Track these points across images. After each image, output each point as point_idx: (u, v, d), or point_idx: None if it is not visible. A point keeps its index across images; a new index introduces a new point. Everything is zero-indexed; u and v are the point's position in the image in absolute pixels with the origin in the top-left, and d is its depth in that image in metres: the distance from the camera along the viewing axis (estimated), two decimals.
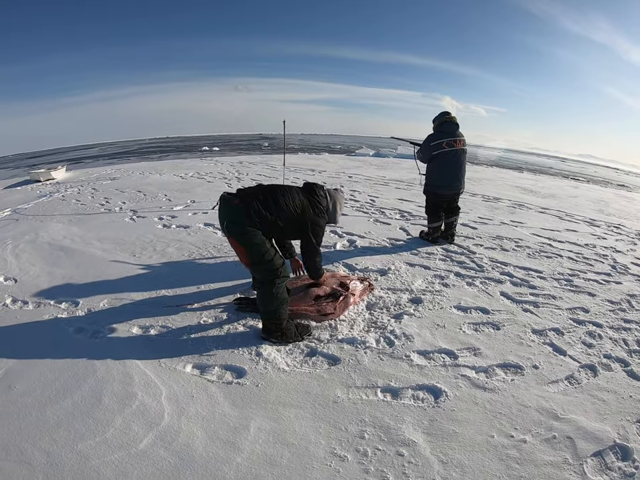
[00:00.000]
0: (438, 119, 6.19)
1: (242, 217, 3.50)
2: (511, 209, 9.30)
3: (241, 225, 3.50)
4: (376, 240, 6.47)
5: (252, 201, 3.55)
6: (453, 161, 6.04)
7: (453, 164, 6.05)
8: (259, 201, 3.57)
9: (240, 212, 3.51)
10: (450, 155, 6.01)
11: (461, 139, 6.07)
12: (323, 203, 3.95)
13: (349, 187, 11.34)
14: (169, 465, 2.42)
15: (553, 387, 3.10)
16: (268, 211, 3.56)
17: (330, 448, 2.54)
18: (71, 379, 3.21)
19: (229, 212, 3.57)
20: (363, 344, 3.59)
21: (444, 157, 6.01)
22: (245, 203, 3.53)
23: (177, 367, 3.33)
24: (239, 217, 3.51)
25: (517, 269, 5.34)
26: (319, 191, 3.99)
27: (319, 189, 4.00)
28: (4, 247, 6.69)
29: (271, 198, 3.64)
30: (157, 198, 10.33)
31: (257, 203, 3.55)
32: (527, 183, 15.22)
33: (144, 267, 5.48)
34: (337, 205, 4.11)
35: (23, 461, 2.49)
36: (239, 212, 3.51)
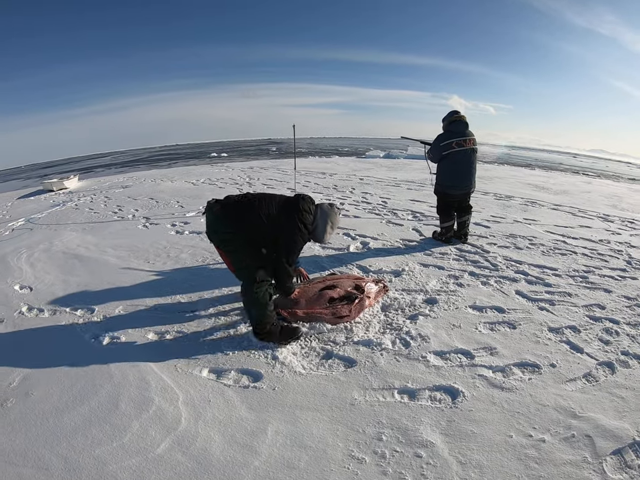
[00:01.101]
0: (447, 119, 6.16)
1: (220, 224, 3.54)
2: (524, 206, 9.24)
3: (220, 232, 3.56)
4: (389, 241, 6.47)
5: (231, 209, 3.56)
6: (463, 160, 6.00)
7: (464, 164, 6.02)
8: (236, 209, 3.56)
9: (219, 220, 3.55)
10: (460, 155, 5.98)
11: (471, 138, 6.03)
12: (306, 220, 3.65)
13: (360, 189, 11.34)
14: (187, 469, 2.43)
15: (571, 385, 3.07)
16: (242, 220, 3.52)
17: (348, 450, 2.53)
18: (87, 385, 3.23)
19: (210, 220, 3.61)
20: (378, 346, 3.58)
21: (454, 156, 5.98)
22: (224, 211, 3.55)
23: (193, 371, 3.34)
24: (218, 225, 3.56)
25: (531, 267, 5.30)
26: (304, 205, 3.68)
27: (305, 204, 3.71)
28: (19, 256, 6.76)
29: (247, 207, 3.57)
30: (169, 205, 10.39)
31: (234, 212, 3.54)
32: (539, 179, 15.10)
33: (158, 273, 5.51)
34: (328, 223, 3.78)
35: (41, 466, 2.51)
36: (218, 220, 3.55)
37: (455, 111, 6.18)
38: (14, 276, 5.85)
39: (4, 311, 4.68)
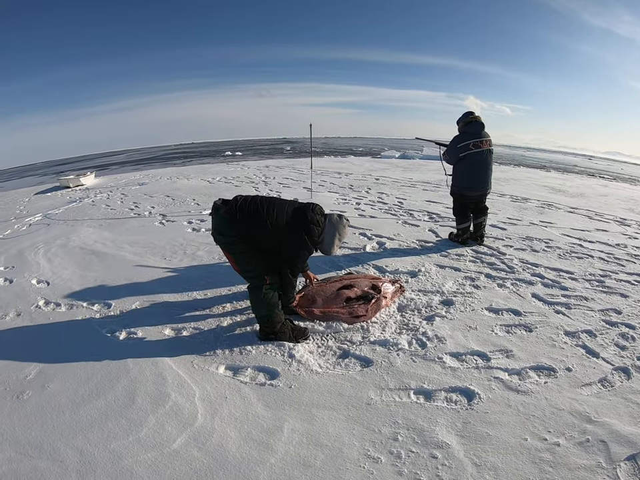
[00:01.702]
0: (462, 120, 6.15)
1: (226, 227, 3.52)
2: (540, 209, 9.17)
3: (226, 235, 3.54)
4: (405, 242, 6.46)
5: (237, 212, 3.49)
6: (480, 162, 5.99)
7: (480, 165, 6.00)
8: (242, 213, 3.49)
9: (225, 222, 3.52)
10: (477, 156, 5.97)
11: (487, 139, 6.02)
12: (313, 233, 3.58)
13: (376, 189, 11.34)
14: (202, 465, 2.44)
15: (586, 389, 3.04)
16: (248, 225, 3.47)
17: (363, 450, 2.53)
18: (104, 379, 3.27)
19: (217, 221, 3.60)
20: (395, 346, 3.58)
21: (471, 158, 5.98)
22: (230, 213, 3.50)
23: (209, 368, 3.36)
24: (224, 227, 3.54)
25: (547, 270, 5.27)
26: (313, 217, 3.61)
27: (314, 215, 3.63)
28: (36, 251, 6.84)
29: (254, 213, 3.50)
30: (185, 202, 10.47)
31: (240, 216, 3.48)
32: (555, 182, 14.98)
33: (175, 270, 5.56)
34: (336, 236, 3.73)
35: (56, 459, 2.54)
36: (224, 222, 3.53)
37: (470, 112, 6.15)
38: (31, 270, 5.92)
39: (21, 305, 4.74)
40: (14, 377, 3.38)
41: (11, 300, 4.93)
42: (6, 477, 2.43)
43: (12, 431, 2.80)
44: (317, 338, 3.77)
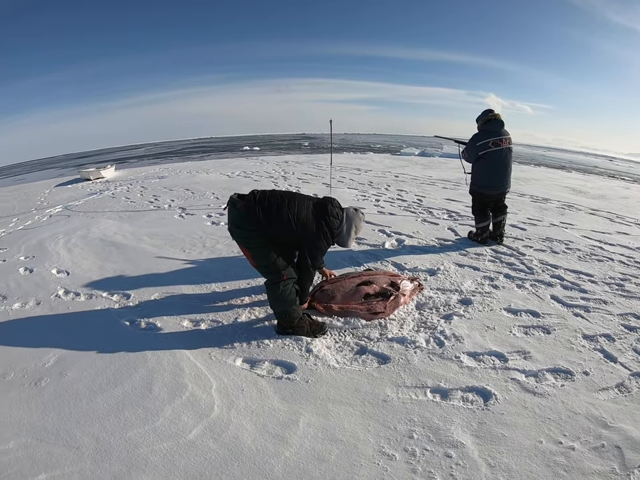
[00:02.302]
0: (482, 118, 6.09)
1: (244, 221, 3.50)
2: (560, 210, 9.06)
3: (244, 229, 3.52)
4: (424, 240, 6.43)
5: (256, 206, 3.48)
6: (499, 160, 5.94)
7: (500, 163, 5.95)
8: (262, 207, 3.48)
9: (243, 216, 3.50)
10: (497, 155, 5.92)
11: (507, 137, 5.95)
12: (332, 225, 3.64)
13: (395, 187, 11.28)
14: (218, 456, 2.46)
15: (603, 394, 3.00)
16: (268, 220, 3.45)
17: (378, 446, 2.53)
18: (121, 368, 3.31)
19: (234, 215, 3.58)
20: (412, 343, 3.57)
21: (490, 156, 5.93)
22: (248, 207, 3.49)
23: (227, 360, 3.38)
24: (242, 221, 3.51)
25: (567, 271, 5.20)
26: (332, 210, 3.68)
27: (333, 208, 3.70)
28: (56, 242, 6.95)
29: (275, 206, 3.50)
30: (204, 196, 10.53)
31: (259, 210, 3.46)
32: (576, 183, 14.78)
33: (194, 262, 5.60)
34: (352, 228, 3.77)
35: (72, 445, 2.58)
36: (242, 216, 3.51)
37: (489, 109, 6.08)
38: (51, 260, 6.01)
39: (41, 294, 4.82)
40: (32, 364, 3.44)
41: (30, 289, 5.01)
42: (22, 461, 2.47)
43: (29, 416, 2.85)
44: (335, 333, 3.78)
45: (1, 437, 2.69)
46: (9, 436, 2.69)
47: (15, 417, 2.86)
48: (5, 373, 3.37)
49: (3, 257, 6.46)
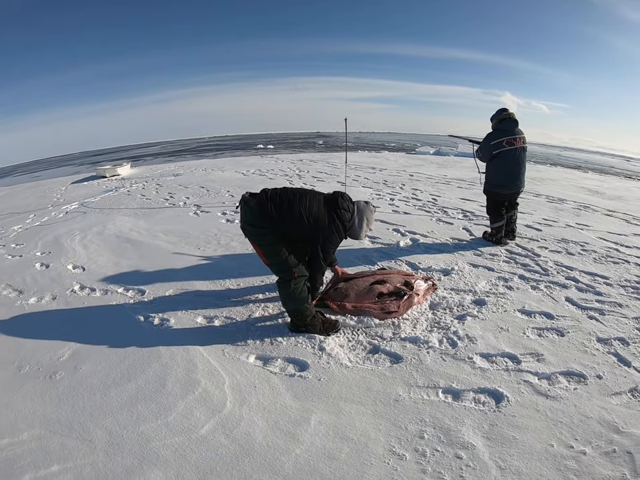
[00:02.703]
0: (496, 117, 6.08)
1: (257, 218, 3.52)
2: (576, 210, 8.94)
3: (256, 227, 3.55)
4: (439, 239, 6.40)
5: (268, 203, 3.51)
6: (513, 159, 5.93)
7: (514, 163, 5.94)
8: (274, 204, 3.52)
9: (255, 214, 3.52)
10: (511, 154, 5.91)
11: (521, 136, 5.94)
12: (344, 218, 3.69)
13: (410, 186, 11.22)
14: (229, 451, 2.49)
15: (616, 398, 2.96)
16: (281, 216, 3.49)
17: (389, 446, 2.53)
18: (135, 363, 3.35)
19: (246, 213, 3.60)
20: (425, 343, 3.56)
21: (505, 155, 5.92)
22: (260, 205, 3.51)
23: (240, 357, 3.41)
24: (255, 219, 3.54)
25: (582, 273, 5.14)
26: (343, 203, 3.72)
27: (344, 202, 3.74)
28: (72, 238, 7.04)
29: (287, 202, 3.54)
30: (219, 194, 10.59)
31: (271, 206, 3.50)
32: (593, 183, 14.54)
33: (208, 259, 5.65)
34: (364, 221, 3.82)
35: (85, 438, 2.62)
36: (254, 214, 3.53)
37: (503, 108, 6.09)
38: (67, 256, 6.10)
39: (57, 289, 4.90)
40: (47, 358, 3.50)
41: (46, 284, 5.09)
42: (35, 453, 2.52)
43: (43, 409, 2.90)
44: (348, 332, 3.78)
45: (15, 428, 2.74)
46: (22, 427, 2.74)
47: (29, 409, 2.91)
48: (20, 365, 3.44)
49: (20, 253, 6.57)
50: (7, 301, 4.75)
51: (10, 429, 2.74)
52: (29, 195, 14.40)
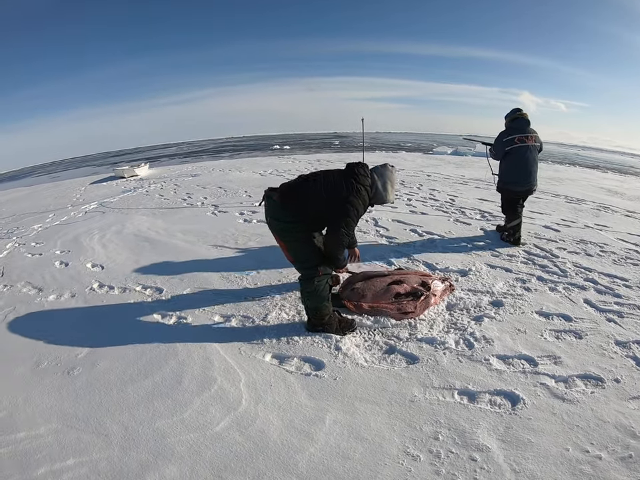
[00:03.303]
0: (509, 116, 6.24)
1: (281, 212, 3.51)
2: (595, 211, 8.84)
3: (281, 221, 3.53)
4: (456, 240, 6.38)
5: (288, 192, 3.54)
6: (525, 156, 6.04)
7: (526, 159, 6.04)
8: (293, 190, 3.55)
9: (279, 207, 3.52)
10: (522, 151, 6.02)
11: (533, 135, 6.06)
12: (364, 182, 3.57)
13: (427, 186, 11.16)
14: (243, 449, 2.50)
15: (634, 403, 2.92)
16: (301, 197, 3.49)
17: (403, 446, 2.53)
18: (152, 360, 3.39)
19: (271, 207, 3.60)
20: (442, 344, 3.55)
21: (517, 152, 6.04)
22: (282, 196, 3.52)
23: (256, 355, 3.43)
24: (279, 212, 3.53)
25: (601, 275, 5.08)
26: (359, 169, 3.60)
27: (359, 168, 3.62)
28: (91, 237, 7.13)
29: (304, 184, 3.57)
30: (237, 194, 10.63)
31: (292, 194, 3.52)
32: (612, 183, 14.34)
33: (225, 258, 5.68)
34: (387, 183, 3.70)
35: (101, 432, 2.67)
36: (278, 207, 3.53)
37: (517, 108, 6.23)
38: (86, 255, 6.18)
39: (76, 287, 4.97)
40: (66, 354, 3.56)
41: (66, 282, 5.16)
42: (51, 446, 2.57)
43: (60, 404, 2.95)
44: (364, 332, 3.78)
45: (33, 422, 2.80)
46: (40, 422, 2.79)
47: (47, 403, 2.97)
48: (39, 361, 3.50)
49: (40, 251, 6.67)
50: (27, 298, 4.82)
51: (27, 422, 2.79)
52: (49, 195, 14.60)
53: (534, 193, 6.32)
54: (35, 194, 16.03)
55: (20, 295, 4.91)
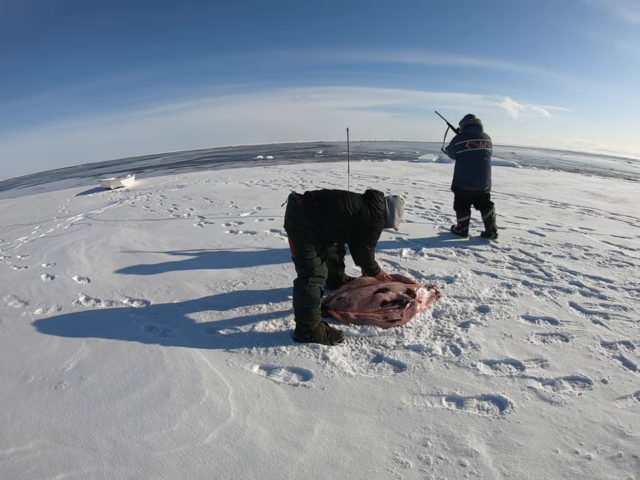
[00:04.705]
0: (463, 122, 6.80)
1: (300, 215, 3.82)
2: (580, 214, 8.94)
3: (297, 223, 3.83)
4: (442, 247, 6.40)
5: (312, 201, 3.86)
6: (476, 160, 6.56)
7: (476, 163, 6.57)
8: (319, 202, 3.86)
9: (300, 211, 3.83)
10: (473, 154, 6.56)
11: (485, 140, 6.58)
12: (380, 207, 4.09)
13: (413, 194, 11.23)
14: (233, 460, 2.49)
15: (621, 402, 2.95)
16: (325, 211, 3.82)
17: (392, 454, 2.53)
18: (140, 374, 3.37)
19: (292, 209, 3.90)
20: (429, 351, 3.56)
21: (468, 156, 6.59)
22: (306, 203, 3.85)
23: (244, 366, 3.42)
24: (298, 215, 3.83)
25: (586, 278, 5.14)
26: (377, 196, 4.14)
27: (378, 195, 4.16)
28: (77, 249, 7.10)
29: (330, 200, 3.90)
30: (223, 205, 10.62)
31: (317, 204, 3.83)
32: (596, 187, 14.48)
33: (212, 270, 5.64)
34: (396, 211, 4.22)
35: (90, 447, 2.63)
36: (299, 210, 3.84)
37: (470, 115, 6.80)
38: (72, 267, 6.15)
39: (62, 300, 4.93)
40: (53, 368, 3.53)
41: (52, 295, 5.13)
42: (40, 461, 2.54)
43: (48, 418, 2.92)
44: (351, 341, 3.80)
45: (21, 437, 2.76)
46: (28, 437, 2.76)
47: (35, 418, 2.93)
48: (26, 376, 3.46)
49: (26, 264, 6.63)
50: (13, 311, 4.78)
51: (16, 437, 2.76)
52: (34, 206, 14.52)
53: (486, 193, 6.71)
54: (19, 205, 15.99)
55: (6, 309, 4.87)
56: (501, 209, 9.08)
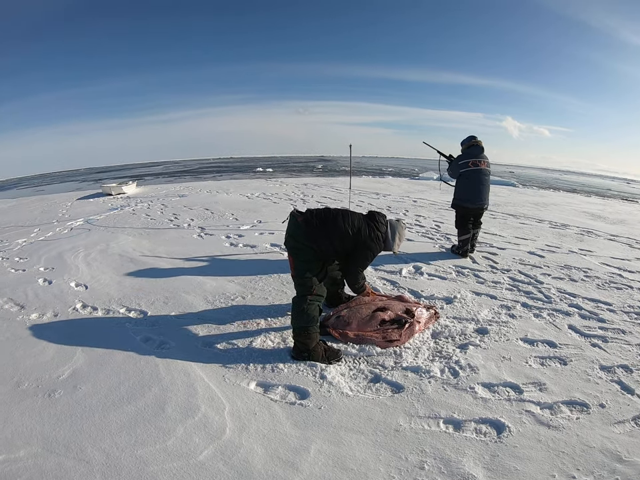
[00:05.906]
0: (466, 142, 7.10)
1: (300, 233, 3.86)
2: (579, 236, 8.97)
3: (297, 240, 3.87)
4: (441, 267, 6.39)
5: (313, 218, 3.91)
6: (477, 178, 6.84)
7: (478, 181, 6.84)
8: (319, 219, 3.91)
9: (300, 228, 3.87)
10: (475, 173, 6.84)
11: (485, 160, 6.90)
12: (381, 229, 4.13)
13: (413, 212, 11.26)
14: (227, 478, 2.46)
15: (619, 427, 2.94)
16: (325, 229, 3.85)
17: (389, 476, 2.50)
18: (135, 386, 3.34)
19: (293, 226, 3.93)
20: (427, 373, 3.54)
21: (470, 175, 6.86)
22: (306, 220, 3.89)
23: (241, 383, 3.39)
24: (298, 233, 3.87)
25: (585, 300, 5.14)
26: (379, 217, 4.21)
27: (379, 216, 4.23)
28: (76, 255, 7.08)
29: (331, 217, 3.95)
30: (224, 216, 10.64)
31: (316, 221, 3.88)
32: (595, 207, 14.52)
33: (211, 283, 5.62)
34: (397, 234, 4.26)
35: (82, 459, 2.60)
36: (299, 228, 3.87)
37: (472, 136, 7.12)
38: (70, 273, 6.14)
39: (59, 306, 4.92)
40: (47, 376, 3.50)
41: (49, 300, 5.12)
42: (31, 470, 2.51)
43: (41, 427, 2.89)
44: (350, 360, 3.77)
45: (12, 444, 2.74)
46: (19, 444, 2.73)
47: (27, 426, 2.91)
48: (19, 382, 3.44)
49: (23, 267, 6.63)
50: (9, 315, 4.77)
51: (7, 445, 2.73)
52: (35, 208, 14.52)
53: (485, 211, 7.02)
54: (20, 206, 16.01)
55: (1, 312, 4.86)
56: (500, 229, 9.20)
